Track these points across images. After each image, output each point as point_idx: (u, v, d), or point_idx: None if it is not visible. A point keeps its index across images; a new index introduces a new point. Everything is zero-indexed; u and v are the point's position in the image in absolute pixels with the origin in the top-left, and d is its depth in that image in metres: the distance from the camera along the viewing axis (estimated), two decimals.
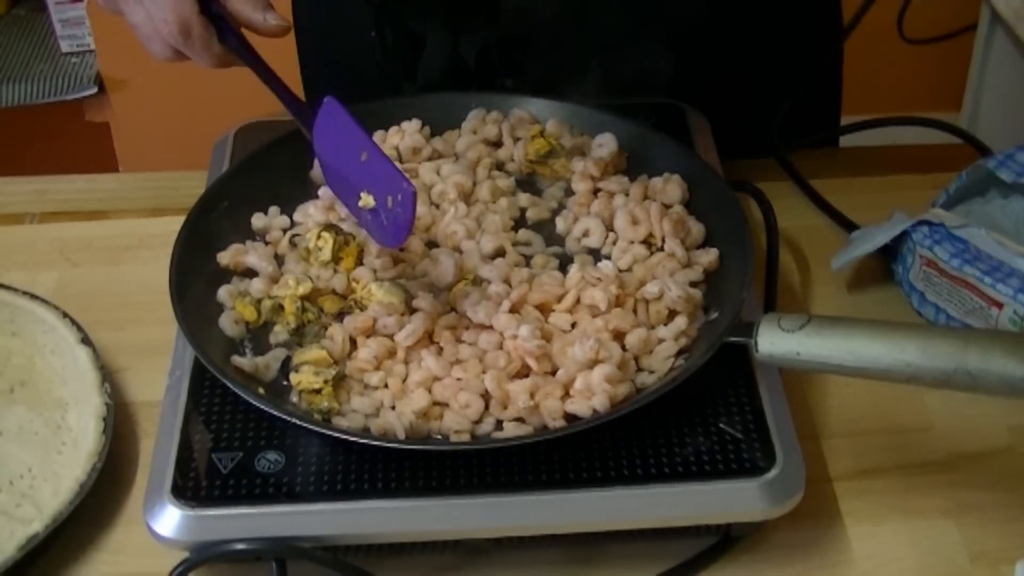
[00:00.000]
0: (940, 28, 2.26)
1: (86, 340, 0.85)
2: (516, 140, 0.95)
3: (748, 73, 1.10)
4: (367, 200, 0.81)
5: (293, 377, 0.78)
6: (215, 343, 0.81)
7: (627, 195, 0.91)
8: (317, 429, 0.75)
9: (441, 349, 0.80)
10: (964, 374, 0.70)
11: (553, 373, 0.78)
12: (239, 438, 0.76)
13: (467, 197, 0.92)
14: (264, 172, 0.92)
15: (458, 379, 0.78)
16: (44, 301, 0.88)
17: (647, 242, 0.88)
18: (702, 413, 0.77)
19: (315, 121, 0.83)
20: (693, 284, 0.85)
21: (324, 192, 0.91)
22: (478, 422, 0.76)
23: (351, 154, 0.81)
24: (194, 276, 0.84)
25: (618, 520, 0.74)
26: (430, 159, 0.95)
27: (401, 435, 0.75)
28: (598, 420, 0.74)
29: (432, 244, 0.88)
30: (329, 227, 0.86)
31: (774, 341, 0.74)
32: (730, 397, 0.78)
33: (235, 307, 0.83)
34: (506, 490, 0.73)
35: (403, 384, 0.78)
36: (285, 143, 0.92)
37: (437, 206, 0.92)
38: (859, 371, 0.73)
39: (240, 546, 0.71)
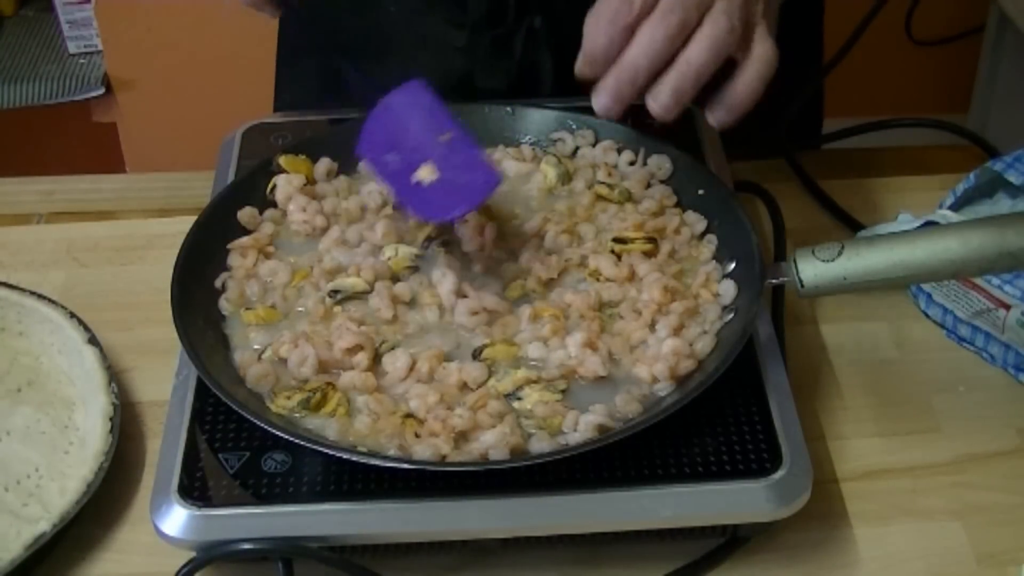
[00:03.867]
0: (948, 29, 2.26)
1: (93, 340, 0.86)
2: None
3: None
4: (428, 172, 0.83)
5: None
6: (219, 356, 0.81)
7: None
8: (327, 451, 0.74)
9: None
10: (1007, 257, 0.73)
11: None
12: (246, 438, 0.76)
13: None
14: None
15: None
16: (51, 301, 0.88)
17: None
18: (709, 414, 0.77)
19: (390, 95, 0.86)
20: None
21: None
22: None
23: (425, 131, 0.85)
24: (196, 289, 0.83)
25: (624, 521, 0.73)
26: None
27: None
28: (632, 429, 0.73)
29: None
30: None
31: (817, 273, 0.77)
32: (737, 398, 0.78)
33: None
34: (513, 491, 0.73)
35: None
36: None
37: None
38: (906, 279, 0.76)
39: (246, 546, 0.71)
